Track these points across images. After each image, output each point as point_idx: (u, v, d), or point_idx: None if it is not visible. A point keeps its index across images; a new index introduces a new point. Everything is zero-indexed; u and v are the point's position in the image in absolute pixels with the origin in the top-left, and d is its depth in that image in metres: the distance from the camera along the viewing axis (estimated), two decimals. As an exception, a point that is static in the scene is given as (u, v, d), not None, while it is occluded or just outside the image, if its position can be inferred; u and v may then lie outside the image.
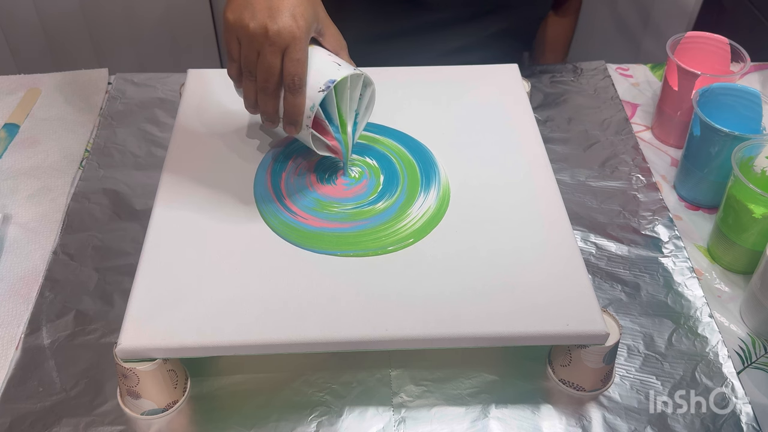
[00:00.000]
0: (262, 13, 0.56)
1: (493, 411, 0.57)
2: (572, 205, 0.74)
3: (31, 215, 0.74)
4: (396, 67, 0.80)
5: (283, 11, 0.57)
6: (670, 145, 0.85)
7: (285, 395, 0.58)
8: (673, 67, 0.80)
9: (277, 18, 0.56)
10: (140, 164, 0.79)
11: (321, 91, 0.59)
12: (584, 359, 0.56)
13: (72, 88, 0.90)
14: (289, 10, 0.57)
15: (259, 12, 0.57)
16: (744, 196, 0.67)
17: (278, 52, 0.57)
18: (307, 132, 0.62)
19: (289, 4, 0.57)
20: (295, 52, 0.57)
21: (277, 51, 0.57)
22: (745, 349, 0.64)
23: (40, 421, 0.56)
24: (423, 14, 0.92)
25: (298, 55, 0.57)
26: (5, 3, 1.36)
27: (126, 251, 0.69)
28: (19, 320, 0.64)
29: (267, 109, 0.61)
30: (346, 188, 0.66)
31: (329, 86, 0.59)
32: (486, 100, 0.76)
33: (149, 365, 0.53)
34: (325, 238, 0.61)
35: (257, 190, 0.65)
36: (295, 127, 0.61)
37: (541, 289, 0.57)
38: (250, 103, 0.62)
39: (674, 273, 0.68)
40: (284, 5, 0.57)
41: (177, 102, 0.79)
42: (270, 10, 0.56)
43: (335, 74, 0.60)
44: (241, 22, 0.57)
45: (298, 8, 0.57)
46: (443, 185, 0.66)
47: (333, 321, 0.54)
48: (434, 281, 0.58)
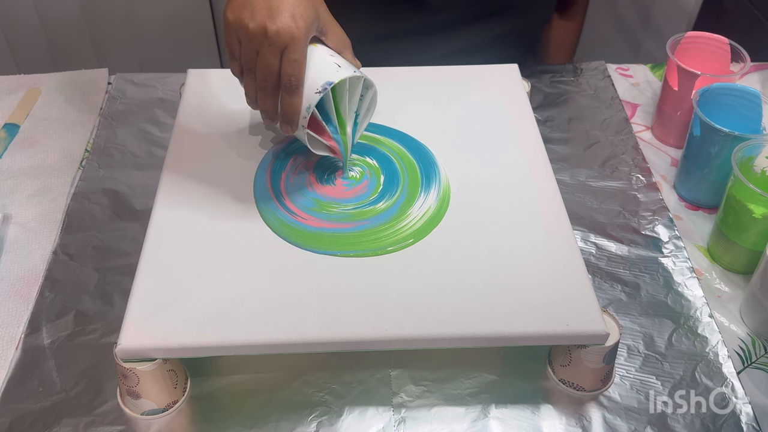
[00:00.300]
0: (261, 14, 0.57)
1: (493, 411, 0.57)
2: (572, 205, 0.74)
3: (31, 215, 0.74)
4: (396, 67, 0.80)
5: (282, 11, 0.57)
6: (670, 145, 0.85)
7: (285, 395, 0.58)
8: (673, 67, 0.80)
9: (276, 18, 0.56)
10: (140, 164, 0.79)
11: (318, 92, 0.59)
12: (584, 359, 0.56)
13: (72, 88, 0.90)
14: (288, 11, 0.57)
15: (259, 12, 0.57)
16: (744, 196, 0.67)
17: (277, 52, 0.57)
18: (303, 132, 0.62)
19: (289, 4, 0.57)
20: (293, 53, 0.57)
21: (275, 51, 0.57)
22: (745, 349, 0.64)
23: (40, 421, 0.56)
24: (425, 15, 0.92)
25: (296, 56, 0.58)
26: (5, 3, 1.36)
27: (126, 251, 0.69)
28: (19, 320, 0.64)
29: (266, 107, 0.61)
30: (346, 189, 0.66)
31: (326, 88, 0.59)
32: (486, 100, 0.76)
33: (149, 365, 0.53)
34: (324, 239, 0.61)
35: (257, 189, 0.65)
36: (291, 127, 0.61)
37: (541, 289, 0.57)
38: (251, 100, 0.62)
39: (674, 273, 0.68)
40: (284, 5, 0.57)
41: (177, 102, 0.79)
42: (269, 10, 0.57)
43: (333, 76, 0.60)
44: (240, 21, 0.57)
45: (298, 8, 0.57)
46: (443, 185, 0.66)
47: (333, 321, 0.54)
48: (434, 281, 0.58)
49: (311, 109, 0.60)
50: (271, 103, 0.61)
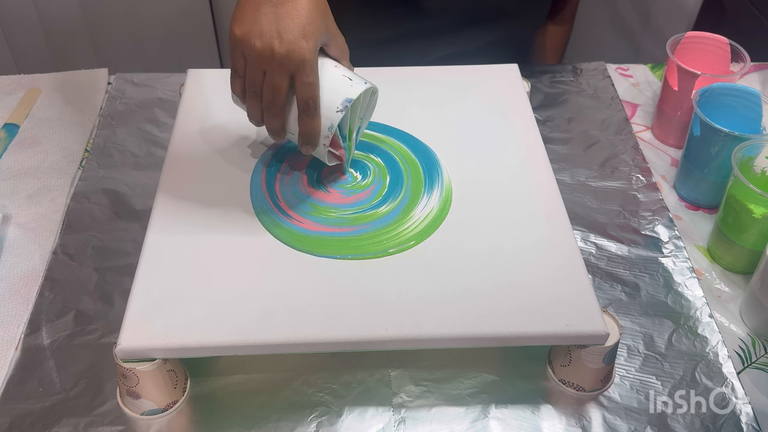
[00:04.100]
0: (270, 32, 0.54)
1: (493, 411, 0.57)
2: (572, 205, 0.74)
3: (31, 215, 0.74)
4: (396, 68, 0.80)
5: (292, 30, 0.54)
6: (670, 145, 0.85)
7: (285, 395, 0.58)
8: (673, 67, 0.80)
9: (285, 38, 0.54)
10: (140, 164, 0.79)
11: (339, 111, 0.58)
12: (584, 359, 0.56)
13: (72, 88, 0.90)
14: (299, 29, 0.54)
15: (267, 31, 0.54)
16: (744, 196, 0.67)
17: (286, 74, 0.55)
18: (324, 150, 0.61)
19: (300, 22, 0.54)
20: (305, 76, 0.55)
21: (284, 73, 0.55)
22: (745, 349, 0.64)
23: (40, 421, 0.56)
24: (419, 20, 0.91)
25: (309, 79, 0.55)
26: (5, 3, 1.36)
27: (126, 251, 0.69)
28: (19, 320, 0.64)
29: (273, 127, 0.59)
30: (345, 195, 0.65)
31: (347, 106, 0.58)
32: (486, 100, 0.76)
33: (149, 365, 0.53)
34: (325, 242, 0.61)
35: (256, 190, 0.65)
36: (312, 147, 0.59)
37: (541, 289, 0.57)
38: (255, 121, 0.60)
39: (674, 273, 0.68)
40: (294, 24, 0.54)
41: (177, 102, 0.79)
42: (278, 28, 0.54)
43: (350, 92, 0.59)
44: (248, 39, 0.54)
45: (310, 26, 0.55)
46: (446, 186, 0.66)
47: (333, 321, 0.54)
48: (434, 281, 0.57)
49: (334, 128, 0.58)
50: (279, 123, 0.58)
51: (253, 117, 0.60)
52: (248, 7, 0.56)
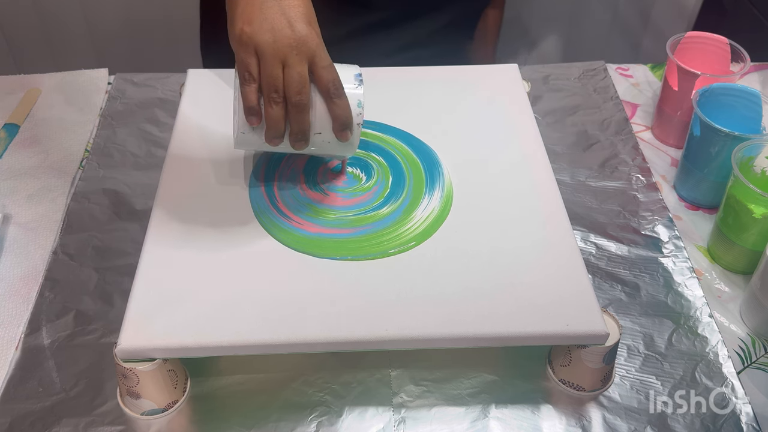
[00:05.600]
0: (280, 23, 0.55)
1: (493, 411, 0.57)
2: (572, 205, 0.74)
3: (31, 215, 0.74)
4: (396, 68, 0.80)
5: (300, 19, 0.55)
6: (670, 145, 0.85)
7: (285, 395, 0.58)
8: (673, 67, 0.80)
9: (296, 27, 0.55)
10: (140, 164, 0.79)
11: (358, 86, 0.59)
12: (584, 359, 0.56)
13: (72, 88, 0.90)
14: (305, 18, 0.56)
15: (278, 22, 0.55)
16: (744, 196, 0.67)
17: (305, 61, 0.55)
18: (358, 130, 0.60)
19: (303, 11, 0.56)
20: (322, 60, 0.56)
21: (304, 59, 0.55)
22: (745, 349, 0.64)
23: (40, 421, 0.56)
24: (368, 14, 0.91)
25: (326, 62, 0.56)
26: (5, 3, 1.36)
27: (126, 251, 0.69)
28: (19, 320, 0.64)
29: (302, 127, 0.57)
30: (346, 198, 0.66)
31: (360, 79, 0.59)
32: (486, 100, 0.76)
33: (149, 365, 0.53)
34: (324, 243, 0.61)
35: (256, 190, 0.65)
36: (350, 130, 0.59)
37: (541, 289, 0.57)
38: (276, 131, 0.57)
39: (674, 273, 0.68)
40: (300, 13, 0.56)
41: (177, 102, 0.79)
42: (287, 18, 0.55)
43: (351, 69, 0.59)
44: (260, 34, 0.55)
45: (311, 15, 0.56)
46: (447, 186, 0.66)
47: (333, 321, 0.54)
48: (434, 281, 0.57)
49: (363, 103, 0.58)
50: (307, 121, 0.57)
51: (274, 127, 0.57)
52: (251, 5, 0.56)
